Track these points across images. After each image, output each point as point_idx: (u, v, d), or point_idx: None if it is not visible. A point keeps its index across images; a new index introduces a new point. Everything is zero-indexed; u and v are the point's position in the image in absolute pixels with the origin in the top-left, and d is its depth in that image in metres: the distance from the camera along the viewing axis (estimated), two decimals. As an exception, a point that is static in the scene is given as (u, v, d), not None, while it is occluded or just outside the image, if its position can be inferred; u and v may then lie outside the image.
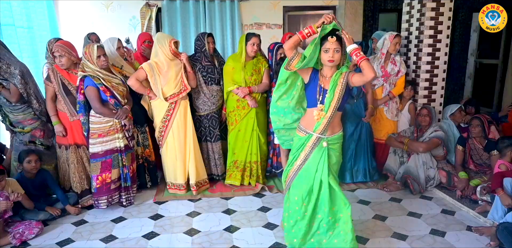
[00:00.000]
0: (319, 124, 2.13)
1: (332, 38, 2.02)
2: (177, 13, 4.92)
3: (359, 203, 3.13)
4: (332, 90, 2.09)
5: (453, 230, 2.66)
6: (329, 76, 2.13)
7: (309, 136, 2.17)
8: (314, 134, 2.15)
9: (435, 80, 3.74)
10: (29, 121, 2.98)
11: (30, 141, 2.99)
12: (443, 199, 3.20)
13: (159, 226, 2.77)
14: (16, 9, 3.90)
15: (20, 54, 3.92)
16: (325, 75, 2.15)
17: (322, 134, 2.15)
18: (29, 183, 2.85)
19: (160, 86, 3.06)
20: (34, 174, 2.88)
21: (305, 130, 2.19)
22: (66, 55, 2.87)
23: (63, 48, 2.87)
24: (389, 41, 3.47)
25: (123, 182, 3.02)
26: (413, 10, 3.77)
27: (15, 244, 2.49)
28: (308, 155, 2.18)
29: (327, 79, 2.14)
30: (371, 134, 3.61)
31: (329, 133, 2.17)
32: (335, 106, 2.10)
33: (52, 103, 3.00)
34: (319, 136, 2.15)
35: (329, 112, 2.10)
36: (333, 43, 2.03)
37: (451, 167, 3.34)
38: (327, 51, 2.05)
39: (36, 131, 3.01)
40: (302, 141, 2.20)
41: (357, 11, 5.25)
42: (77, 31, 4.68)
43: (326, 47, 2.05)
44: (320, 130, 2.13)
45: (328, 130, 2.16)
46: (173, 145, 3.22)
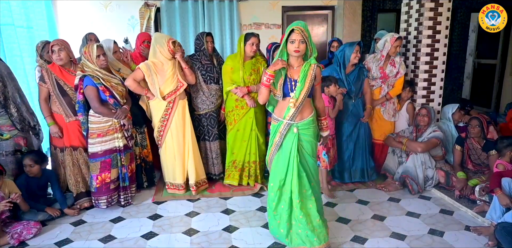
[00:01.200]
0: (288, 110, 2.26)
1: (298, 30, 2.13)
2: (176, 13, 4.92)
3: (357, 203, 3.13)
4: (302, 81, 2.22)
5: (451, 230, 2.67)
6: (296, 66, 2.27)
7: (280, 123, 2.31)
8: (284, 120, 2.29)
9: (434, 80, 3.75)
10: (7, 127, 2.77)
11: (16, 150, 2.83)
12: (442, 199, 3.20)
13: (158, 226, 2.76)
14: (15, 9, 3.89)
15: (20, 54, 3.91)
16: (292, 65, 2.28)
17: (292, 120, 2.28)
18: (34, 183, 2.85)
19: (157, 86, 3.05)
20: (40, 174, 2.88)
21: (277, 118, 2.34)
22: (65, 49, 2.88)
23: (63, 42, 2.89)
24: (390, 44, 3.45)
25: (121, 182, 3.02)
26: (412, 10, 3.77)
27: (13, 244, 2.48)
28: (280, 141, 2.32)
29: (294, 68, 2.27)
30: (370, 134, 3.61)
31: (299, 119, 2.29)
32: (305, 94, 2.23)
33: (45, 104, 2.97)
34: (289, 122, 2.28)
35: (299, 100, 2.23)
36: (299, 35, 2.14)
37: (449, 167, 3.35)
38: (293, 42, 2.16)
39: (19, 139, 2.83)
40: (275, 128, 2.34)
41: (356, 11, 5.25)
42: (75, 31, 4.67)
43: (292, 38, 2.16)
44: (289, 116, 2.27)
45: (298, 116, 2.28)
46: (172, 145, 3.21)
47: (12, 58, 3.84)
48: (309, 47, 2.21)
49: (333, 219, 2.84)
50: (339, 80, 3.40)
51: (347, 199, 3.23)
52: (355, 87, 3.41)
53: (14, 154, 2.83)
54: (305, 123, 2.31)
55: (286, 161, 2.31)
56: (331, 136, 3.35)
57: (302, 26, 2.15)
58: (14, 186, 2.70)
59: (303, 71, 2.21)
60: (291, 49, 2.18)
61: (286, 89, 2.27)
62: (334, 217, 2.87)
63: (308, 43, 2.18)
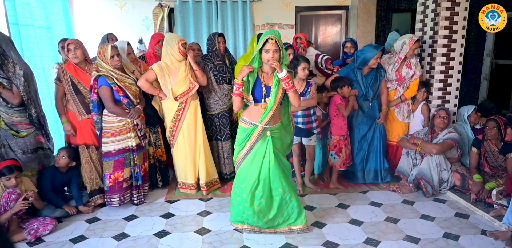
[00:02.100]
0: (265, 115, 2.38)
1: (272, 40, 2.26)
2: (190, 14, 4.95)
3: (370, 205, 3.10)
4: (276, 86, 2.36)
5: (467, 234, 2.61)
6: (270, 73, 2.40)
7: (255, 127, 2.42)
8: (260, 125, 2.39)
9: (450, 81, 3.68)
10: (24, 125, 2.80)
11: (38, 148, 2.92)
12: (457, 202, 3.14)
13: (170, 225, 2.79)
14: (35, 10, 3.98)
15: (39, 54, 4.00)
16: (266, 72, 2.41)
17: (267, 125, 2.40)
18: (59, 177, 2.95)
19: (170, 86, 3.08)
20: (67, 170, 2.97)
21: (249, 122, 2.44)
22: (81, 48, 2.95)
23: (78, 41, 2.98)
24: (409, 47, 3.40)
25: (134, 181, 3.06)
26: (428, 10, 3.71)
27: (30, 240, 2.54)
28: (254, 144, 2.44)
29: (269, 75, 2.41)
30: (385, 135, 3.57)
31: (272, 123, 2.42)
32: (279, 100, 2.37)
33: (61, 102, 3.06)
34: (264, 127, 2.39)
35: (275, 105, 2.36)
36: (273, 45, 2.27)
37: (465, 169, 3.29)
38: (267, 52, 2.28)
39: (40, 137, 2.91)
40: (248, 132, 2.44)
41: (370, 11, 5.20)
42: (91, 32, 4.76)
43: (266, 48, 2.28)
44: (265, 122, 2.39)
45: (272, 121, 2.41)
46: (184, 145, 3.24)
47: (31, 58, 3.92)
48: (282, 55, 2.33)
49: (345, 220, 2.82)
50: (355, 82, 3.37)
51: (360, 200, 3.19)
52: (372, 89, 3.37)
53: (36, 151, 2.90)
54: (277, 127, 2.46)
55: (260, 163, 2.44)
56: (343, 136, 3.34)
57: (277, 35, 2.27)
58: (31, 184, 2.77)
59: (275, 77, 2.35)
60: (265, 58, 2.30)
61: (258, 95, 2.39)
62: (347, 219, 2.85)
63: (281, 51, 2.30)
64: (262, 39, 2.29)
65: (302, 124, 3.20)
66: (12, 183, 2.55)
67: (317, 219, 2.84)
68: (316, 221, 2.81)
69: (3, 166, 2.54)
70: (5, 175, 2.53)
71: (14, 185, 2.57)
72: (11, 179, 2.55)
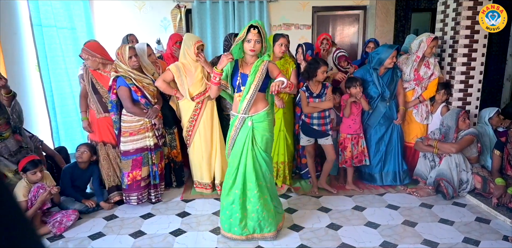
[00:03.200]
0: (241, 104, 2.36)
1: (254, 30, 2.24)
2: (207, 14, 4.99)
3: (387, 208, 3.05)
4: (253, 74, 2.32)
5: (488, 239, 2.54)
6: (250, 63, 2.38)
7: (236, 117, 2.42)
8: (239, 114, 2.38)
9: (471, 82, 3.59)
10: (4, 126, 2.72)
11: (20, 147, 2.84)
12: (478, 207, 3.06)
13: (186, 223, 2.81)
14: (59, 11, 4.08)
15: (62, 54, 4.10)
16: (246, 62, 2.40)
17: (245, 114, 2.36)
18: (79, 173, 3.04)
19: (186, 87, 3.11)
20: (87, 166, 3.07)
21: (232, 113, 2.46)
22: (90, 57, 3.03)
23: (86, 52, 3.03)
24: (426, 44, 3.33)
25: (152, 179, 3.10)
26: (448, 9, 3.63)
27: (55, 232, 2.61)
28: (235, 134, 2.43)
29: (248, 65, 2.38)
30: (402, 137, 3.52)
31: (253, 112, 2.38)
32: (255, 87, 2.31)
33: (83, 100, 3.20)
34: (243, 116, 2.37)
35: (250, 92, 2.32)
36: (255, 35, 2.25)
37: (487, 172, 3.20)
38: (249, 42, 2.28)
39: (17, 136, 2.85)
40: (232, 123, 2.45)
41: (389, 11, 5.12)
42: (110, 32, 4.85)
43: (248, 38, 2.28)
44: (243, 110, 2.36)
45: (251, 109, 2.37)
46: (200, 145, 3.26)
47: (54, 59, 4.03)
48: (264, 44, 2.32)
49: (361, 223, 2.79)
50: (371, 82, 3.34)
51: (376, 203, 3.15)
52: (389, 89, 3.33)
53: (20, 152, 2.83)
54: (260, 116, 2.39)
55: (239, 154, 2.40)
56: (351, 135, 3.31)
57: (260, 24, 2.25)
58: (51, 178, 2.86)
59: (254, 66, 2.32)
60: (247, 48, 2.30)
61: (235, 84, 2.38)
62: (363, 221, 2.81)
63: (263, 41, 2.29)
64: (244, 28, 2.27)
65: (317, 126, 3.19)
66: (38, 177, 2.64)
67: (333, 221, 2.82)
68: (332, 223, 2.79)
69: (26, 162, 2.62)
70: (29, 170, 2.62)
71: (40, 178, 2.66)
72: (37, 173, 2.63)
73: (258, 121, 2.39)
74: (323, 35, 3.84)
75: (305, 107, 3.18)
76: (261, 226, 2.48)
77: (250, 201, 2.44)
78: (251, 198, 2.43)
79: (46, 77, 3.92)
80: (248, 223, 2.47)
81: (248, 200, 2.45)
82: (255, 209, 2.44)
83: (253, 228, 2.48)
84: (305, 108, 3.18)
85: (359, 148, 3.35)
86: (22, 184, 2.63)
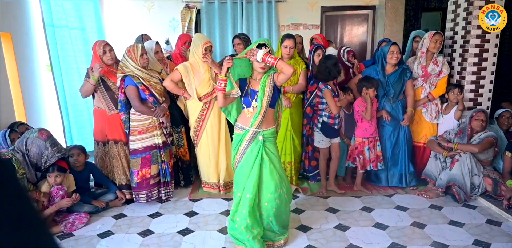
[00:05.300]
0: (255, 119, 2.38)
1: (266, 49, 2.30)
2: (215, 14, 5.01)
3: (396, 209, 3.03)
4: (262, 90, 2.38)
5: (499, 242, 2.50)
6: (258, 79, 2.43)
7: (246, 132, 2.41)
8: (251, 129, 2.39)
9: (482, 82, 3.54)
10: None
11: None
12: (489, 209, 3.02)
13: (194, 223, 2.82)
14: (70, 12, 4.13)
15: (74, 54, 4.15)
16: (255, 78, 2.45)
17: (258, 128, 2.39)
18: (78, 176, 3.03)
19: (194, 87, 3.12)
20: (82, 167, 3.08)
21: (242, 127, 2.44)
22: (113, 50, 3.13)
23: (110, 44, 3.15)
24: (429, 40, 3.35)
25: (162, 177, 3.12)
26: (459, 8, 3.59)
27: (65, 232, 2.65)
28: (245, 149, 2.42)
29: (256, 81, 2.44)
30: (410, 138, 3.48)
31: (264, 127, 2.41)
32: (267, 103, 2.37)
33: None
34: (255, 131, 2.39)
35: (263, 108, 2.37)
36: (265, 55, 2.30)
37: (497, 174, 3.15)
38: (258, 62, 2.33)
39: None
40: (240, 137, 2.44)
41: (398, 10, 5.08)
42: (120, 32, 4.90)
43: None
44: (256, 125, 2.38)
45: (263, 125, 2.39)
46: (207, 145, 3.27)
47: (65, 59, 4.09)
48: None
49: (370, 224, 2.77)
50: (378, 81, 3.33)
51: (385, 204, 3.13)
52: (395, 88, 3.31)
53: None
54: (270, 132, 2.43)
55: (250, 167, 2.39)
56: (367, 139, 3.29)
57: (266, 42, 2.32)
58: (72, 181, 2.89)
59: (262, 82, 2.38)
60: (257, 66, 2.36)
61: (246, 100, 2.42)
62: (371, 223, 2.79)
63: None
64: (251, 47, 2.33)
65: (337, 125, 3.23)
66: (56, 181, 2.69)
67: (340, 222, 2.81)
68: (339, 223, 2.78)
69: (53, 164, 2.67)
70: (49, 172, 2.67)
71: (57, 184, 2.70)
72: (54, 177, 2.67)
73: (268, 137, 2.42)
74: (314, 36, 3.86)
75: (337, 107, 3.12)
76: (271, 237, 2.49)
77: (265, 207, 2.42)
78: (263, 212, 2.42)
79: (58, 77, 3.97)
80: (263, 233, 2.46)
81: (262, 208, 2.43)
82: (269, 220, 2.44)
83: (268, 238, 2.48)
84: (337, 109, 3.12)
85: (376, 152, 3.33)
86: (45, 183, 2.71)
